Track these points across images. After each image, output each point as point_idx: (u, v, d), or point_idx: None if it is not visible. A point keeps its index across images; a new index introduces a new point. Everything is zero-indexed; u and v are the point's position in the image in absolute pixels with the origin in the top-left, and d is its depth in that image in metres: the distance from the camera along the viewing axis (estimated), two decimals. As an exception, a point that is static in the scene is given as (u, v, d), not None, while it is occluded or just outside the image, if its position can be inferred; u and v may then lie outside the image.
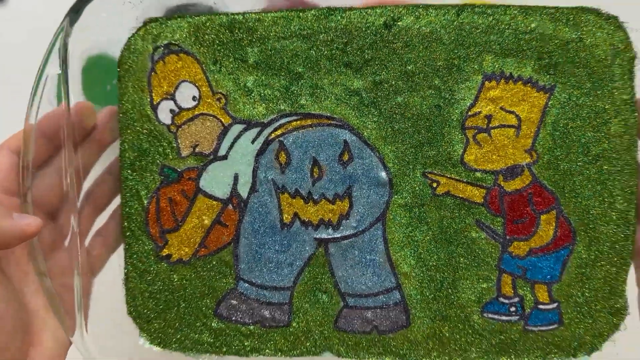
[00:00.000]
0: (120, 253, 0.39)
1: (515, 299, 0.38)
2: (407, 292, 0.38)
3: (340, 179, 0.37)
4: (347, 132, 0.37)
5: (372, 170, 0.37)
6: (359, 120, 0.37)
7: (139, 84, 0.38)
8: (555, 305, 0.37)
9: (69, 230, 0.37)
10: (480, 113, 0.36)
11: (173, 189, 0.38)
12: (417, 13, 0.36)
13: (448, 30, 0.36)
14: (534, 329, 0.38)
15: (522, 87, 0.36)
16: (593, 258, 0.37)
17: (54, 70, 0.35)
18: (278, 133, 0.37)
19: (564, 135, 0.36)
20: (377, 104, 0.37)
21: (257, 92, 0.37)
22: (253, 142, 0.38)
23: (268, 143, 0.38)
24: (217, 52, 0.37)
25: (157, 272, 0.39)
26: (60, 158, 0.36)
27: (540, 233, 0.37)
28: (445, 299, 0.38)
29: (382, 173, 0.37)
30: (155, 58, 0.37)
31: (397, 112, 0.37)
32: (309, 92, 0.37)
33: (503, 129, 0.36)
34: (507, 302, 0.38)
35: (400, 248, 0.38)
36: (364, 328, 0.39)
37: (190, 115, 0.38)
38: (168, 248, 0.39)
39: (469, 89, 0.36)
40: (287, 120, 0.37)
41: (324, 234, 0.38)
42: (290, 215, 0.38)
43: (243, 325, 0.39)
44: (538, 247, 0.37)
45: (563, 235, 0.37)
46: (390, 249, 0.38)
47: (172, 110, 0.38)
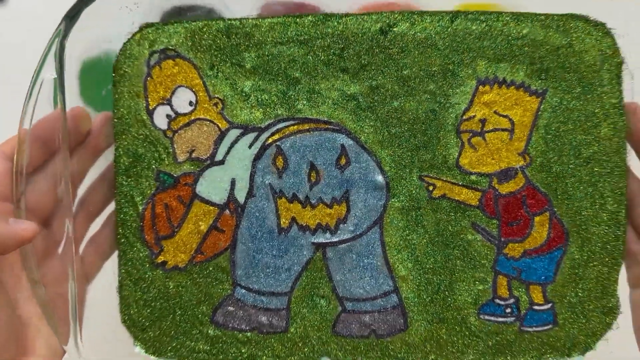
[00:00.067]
0: (115, 260, 0.39)
1: (511, 300, 0.38)
2: (404, 295, 0.38)
3: (338, 183, 0.38)
4: (344, 136, 0.37)
5: (369, 174, 0.38)
6: (356, 125, 0.37)
7: (135, 89, 0.38)
8: (550, 306, 0.38)
9: (63, 237, 0.37)
10: (475, 117, 0.37)
11: (169, 195, 0.38)
12: (412, 19, 0.37)
13: (442, 36, 0.37)
14: (530, 330, 0.38)
15: (515, 91, 0.37)
16: (585, 258, 0.38)
17: (50, 75, 0.34)
18: (275, 138, 0.38)
19: (556, 139, 0.37)
20: (373, 109, 0.37)
21: (254, 96, 0.37)
22: (250, 146, 0.38)
23: (265, 148, 0.38)
24: (214, 57, 0.37)
25: (152, 279, 0.39)
26: (55, 164, 0.36)
27: (534, 234, 0.38)
28: (442, 302, 0.38)
29: (379, 177, 0.38)
30: (152, 63, 0.37)
31: (393, 116, 0.37)
32: (306, 96, 0.37)
33: (497, 133, 0.37)
34: (503, 303, 0.38)
35: (398, 251, 0.38)
36: (362, 332, 0.39)
37: (187, 120, 0.38)
38: (163, 255, 0.39)
39: (464, 94, 0.37)
40: (284, 125, 0.38)
41: (322, 238, 0.38)
42: (288, 220, 0.38)
43: (240, 332, 0.39)
44: (532, 248, 0.38)
45: (556, 237, 0.38)
46: (388, 253, 0.38)
47: (168, 116, 0.38)
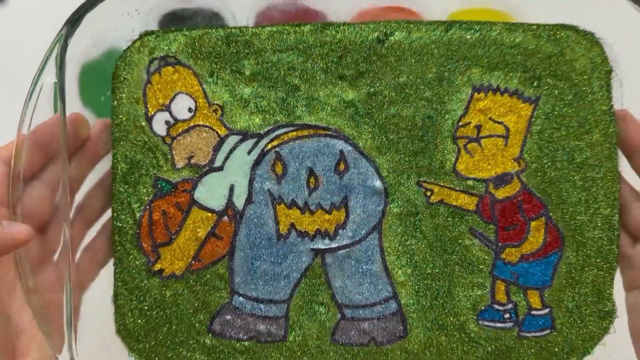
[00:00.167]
0: (111, 268, 0.38)
1: (509, 306, 0.38)
2: (403, 301, 0.38)
3: (337, 189, 0.38)
4: (342, 142, 0.38)
5: (367, 180, 0.38)
6: (354, 131, 0.38)
7: (134, 96, 0.38)
8: (548, 311, 0.38)
9: (58, 245, 0.36)
10: (471, 123, 0.38)
11: (167, 201, 0.38)
12: (408, 29, 0.38)
13: (438, 45, 0.38)
14: (528, 335, 0.38)
15: (508, 98, 0.38)
16: (581, 263, 0.38)
17: (50, 79, 0.34)
18: (274, 144, 0.38)
19: (550, 144, 0.38)
20: (371, 115, 0.38)
21: (253, 103, 0.38)
22: (249, 153, 0.38)
23: (264, 154, 0.38)
24: (213, 64, 0.38)
25: (148, 288, 0.38)
26: (52, 169, 0.36)
27: (531, 239, 0.38)
28: (441, 308, 0.38)
29: (377, 182, 0.38)
30: (152, 70, 0.38)
31: (391, 122, 0.38)
32: (305, 103, 0.38)
33: (492, 139, 0.38)
34: (501, 308, 0.38)
35: (397, 257, 0.38)
36: (361, 340, 0.38)
37: (186, 127, 0.38)
38: (160, 262, 0.38)
39: (459, 101, 0.38)
40: (283, 131, 0.38)
41: (321, 244, 0.38)
42: (287, 226, 0.38)
43: (238, 342, 0.38)
44: (529, 253, 0.38)
45: (552, 241, 0.38)
46: (387, 258, 0.38)
47: (167, 122, 0.38)
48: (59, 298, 0.36)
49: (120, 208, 0.38)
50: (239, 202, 0.38)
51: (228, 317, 0.38)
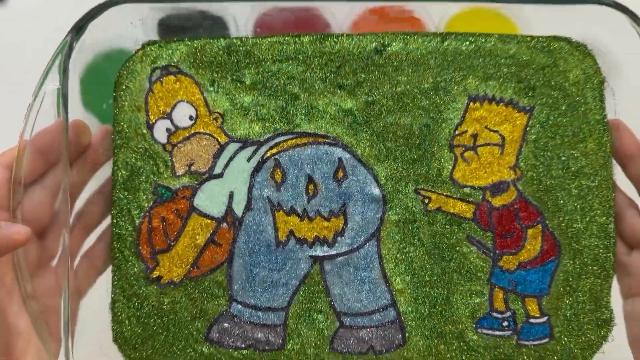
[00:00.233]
0: (109, 275, 0.38)
1: (508, 314, 0.38)
2: (402, 309, 0.38)
3: (335, 196, 0.38)
4: (341, 150, 0.38)
5: (366, 187, 0.38)
6: (353, 139, 0.38)
7: (136, 104, 0.38)
8: (546, 319, 0.38)
9: (57, 250, 0.36)
10: (467, 132, 0.38)
11: (166, 208, 0.38)
12: (405, 39, 0.39)
13: (434, 55, 0.39)
14: (527, 344, 0.38)
15: (504, 108, 0.39)
16: (578, 270, 0.38)
17: (53, 85, 0.35)
18: (274, 151, 0.38)
19: (545, 153, 0.38)
20: (369, 124, 0.38)
21: (253, 111, 0.38)
22: (249, 160, 0.38)
23: (264, 161, 0.38)
24: (214, 73, 0.38)
25: (146, 295, 0.38)
26: (53, 175, 0.36)
27: (528, 247, 0.38)
28: (440, 315, 0.38)
29: (375, 190, 0.38)
30: (153, 79, 0.38)
31: (389, 131, 0.38)
32: (305, 111, 0.38)
33: (488, 147, 0.38)
34: (500, 316, 0.38)
35: (395, 264, 0.38)
36: (360, 348, 0.38)
37: (187, 134, 0.38)
38: (159, 269, 0.38)
39: (456, 110, 0.38)
40: (282, 139, 0.38)
41: (319, 252, 0.38)
42: (286, 233, 0.38)
43: (235, 350, 0.38)
44: (527, 260, 0.38)
45: (549, 249, 0.38)
46: (385, 266, 0.38)
47: (168, 130, 0.38)
48: (57, 304, 0.35)
49: (120, 215, 0.38)
50: (239, 209, 0.38)
51: (226, 325, 0.38)
